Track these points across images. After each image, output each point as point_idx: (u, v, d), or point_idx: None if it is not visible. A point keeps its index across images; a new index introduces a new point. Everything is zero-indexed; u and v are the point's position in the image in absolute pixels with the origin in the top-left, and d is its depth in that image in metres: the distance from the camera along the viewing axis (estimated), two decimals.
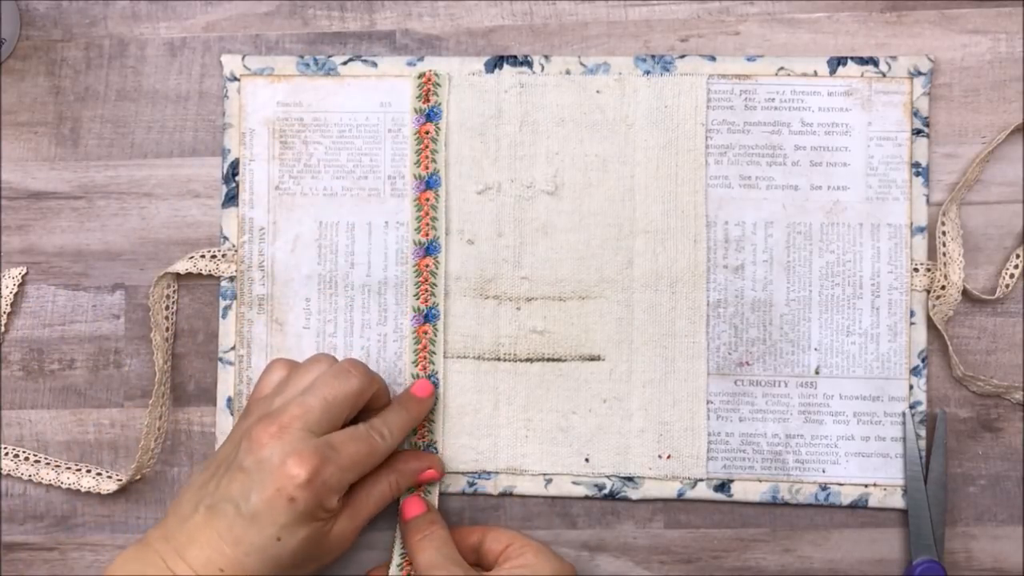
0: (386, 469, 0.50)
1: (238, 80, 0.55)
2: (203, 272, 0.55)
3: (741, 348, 0.54)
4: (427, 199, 0.55)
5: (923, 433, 0.53)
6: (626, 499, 0.54)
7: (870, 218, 0.54)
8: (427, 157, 0.55)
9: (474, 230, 0.55)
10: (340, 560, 0.53)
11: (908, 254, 0.54)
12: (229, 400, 0.54)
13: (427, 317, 0.54)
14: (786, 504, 0.54)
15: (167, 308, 0.55)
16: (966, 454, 0.54)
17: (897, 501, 0.53)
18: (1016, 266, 0.53)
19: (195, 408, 0.55)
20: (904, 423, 0.53)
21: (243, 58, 0.56)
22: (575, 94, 0.55)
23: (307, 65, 0.55)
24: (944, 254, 0.53)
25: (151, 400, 0.53)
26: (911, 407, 0.53)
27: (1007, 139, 0.54)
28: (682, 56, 0.55)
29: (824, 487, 0.53)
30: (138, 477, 0.54)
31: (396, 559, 0.52)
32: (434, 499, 0.53)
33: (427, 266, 0.54)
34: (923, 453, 0.53)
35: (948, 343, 0.53)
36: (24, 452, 0.55)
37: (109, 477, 0.54)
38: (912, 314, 0.54)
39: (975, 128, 0.55)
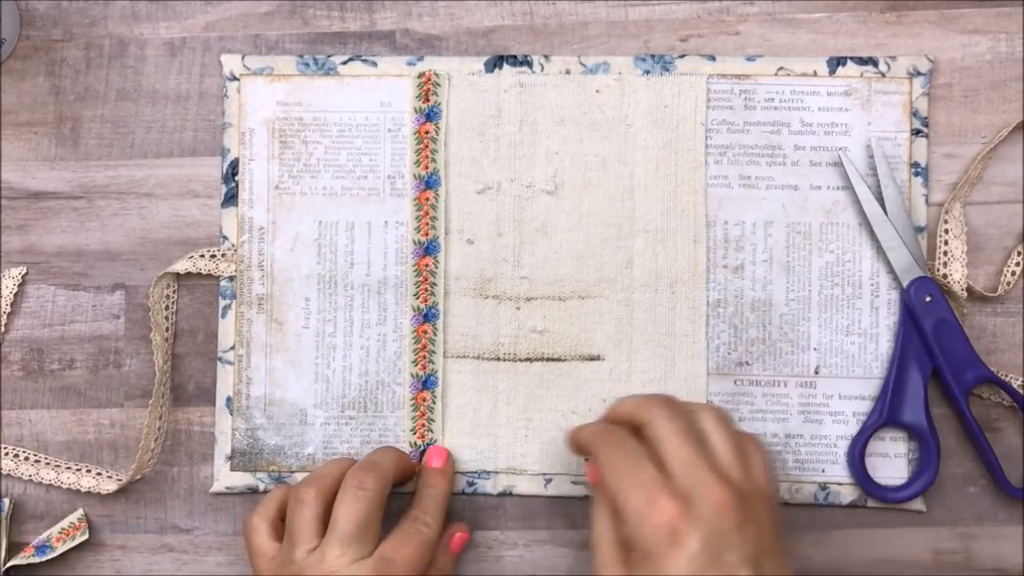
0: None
1: (238, 80, 0.55)
2: (203, 272, 0.55)
3: (741, 348, 0.54)
4: (427, 199, 0.55)
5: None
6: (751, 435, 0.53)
7: None
8: (427, 157, 0.55)
9: (474, 230, 0.55)
10: None
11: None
12: (228, 400, 0.54)
13: (427, 317, 0.54)
14: (786, 504, 0.54)
15: (167, 308, 0.55)
16: (966, 454, 0.54)
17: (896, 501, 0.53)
18: (1017, 263, 0.53)
19: (195, 408, 0.55)
20: (842, 162, 0.53)
21: (243, 58, 0.56)
22: (575, 94, 0.55)
23: (307, 65, 0.55)
24: (945, 252, 0.53)
25: (151, 400, 0.53)
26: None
27: (1007, 139, 0.54)
28: (682, 56, 0.55)
29: (824, 487, 0.53)
30: (138, 477, 0.54)
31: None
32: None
33: (427, 266, 0.54)
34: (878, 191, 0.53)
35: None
36: (24, 452, 0.55)
37: (109, 477, 0.54)
38: None
39: (975, 128, 0.55)
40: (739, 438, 0.45)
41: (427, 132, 0.55)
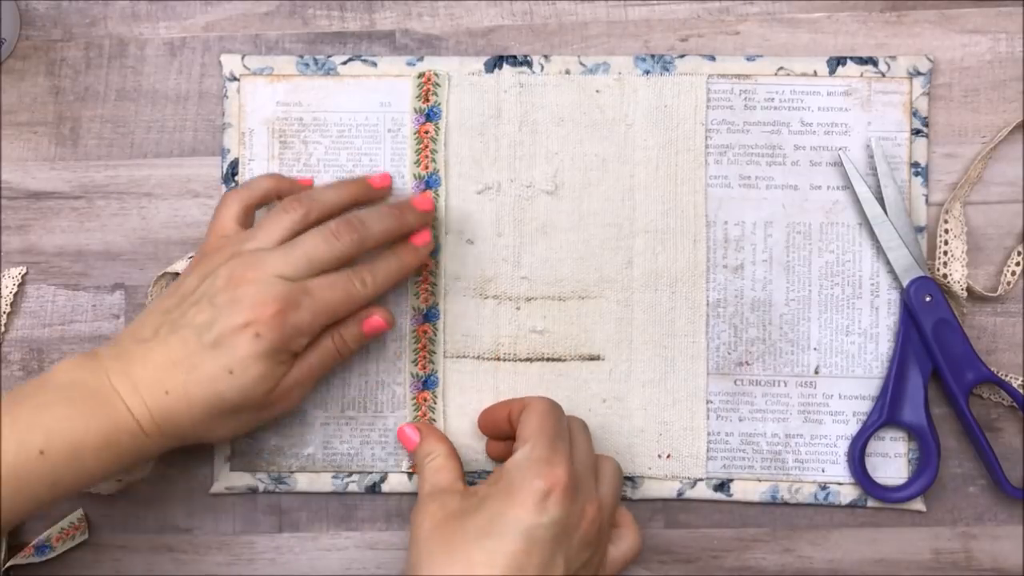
0: (331, 326, 0.50)
1: (238, 80, 0.55)
2: None
3: (741, 348, 0.54)
4: None
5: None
6: (626, 499, 0.54)
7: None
8: (427, 157, 0.55)
9: (474, 230, 0.55)
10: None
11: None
12: None
13: (427, 317, 0.54)
14: (786, 504, 0.54)
15: None
16: (966, 454, 0.54)
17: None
18: (1017, 263, 0.53)
19: None
20: (842, 162, 0.53)
21: (243, 58, 0.56)
22: (575, 94, 0.55)
23: (307, 65, 0.55)
24: (945, 252, 0.53)
25: None
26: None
27: (1007, 139, 0.54)
28: (682, 56, 0.55)
29: (824, 487, 0.53)
30: (138, 477, 0.54)
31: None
32: None
33: (427, 266, 0.54)
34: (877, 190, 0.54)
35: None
36: None
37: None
38: None
39: (975, 128, 0.55)
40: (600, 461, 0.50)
41: (427, 132, 0.55)
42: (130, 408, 0.45)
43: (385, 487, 0.54)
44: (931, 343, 0.52)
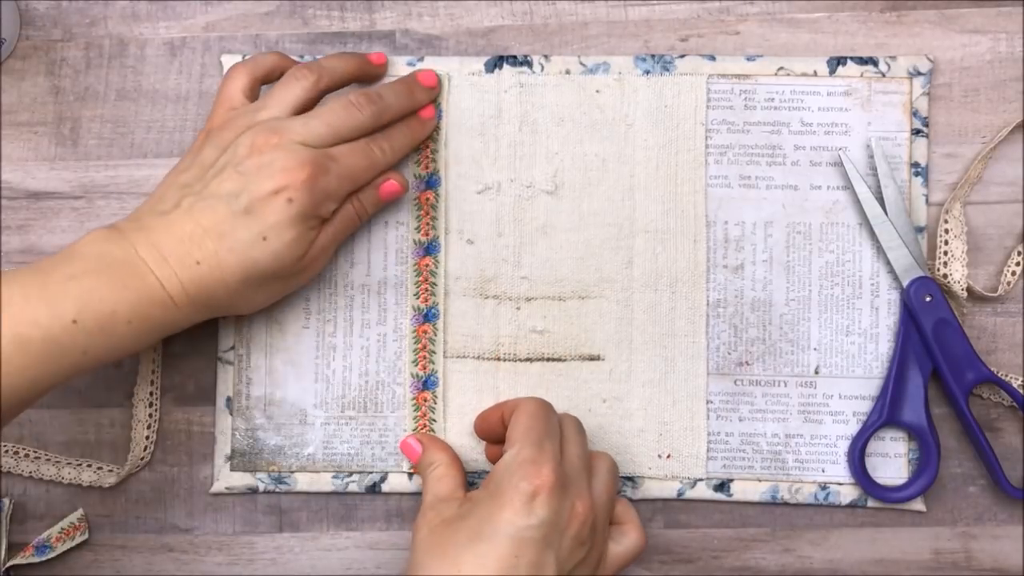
0: (350, 193, 0.50)
1: None
2: None
3: (741, 348, 0.54)
4: (427, 199, 0.55)
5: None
6: (626, 499, 0.54)
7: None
8: (427, 157, 0.55)
9: (474, 230, 0.55)
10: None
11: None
12: (228, 400, 0.54)
13: (427, 317, 0.54)
14: (786, 504, 0.54)
15: None
16: (966, 454, 0.54)
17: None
18: (1017, 263, 0.53)
19: (195, 408, 0.55)
20: (842, 162, 0.53)
21: (243, 58, 0.56)
22: (575, 94, 0.55)
23: None
24: (946, 252, 0.53)
25: (135, 387, 0.53)
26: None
27: (1007, 139, 0.54)
28: (682, 56, 0.55)
29: (824, 487, 0.53)
30: (139, 461, 0.54)
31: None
32: None
33: (427, 266, 0.54)
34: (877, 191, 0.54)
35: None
36: (24, 449, 0.55)
37: (110, 471, 0.54)
38: None
39: (975, 128, 0.55)
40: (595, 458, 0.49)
41: None
42: (160, 280, 0.45)
43: (385, 487, 0.54)
44: (931, 343, 0.52)
